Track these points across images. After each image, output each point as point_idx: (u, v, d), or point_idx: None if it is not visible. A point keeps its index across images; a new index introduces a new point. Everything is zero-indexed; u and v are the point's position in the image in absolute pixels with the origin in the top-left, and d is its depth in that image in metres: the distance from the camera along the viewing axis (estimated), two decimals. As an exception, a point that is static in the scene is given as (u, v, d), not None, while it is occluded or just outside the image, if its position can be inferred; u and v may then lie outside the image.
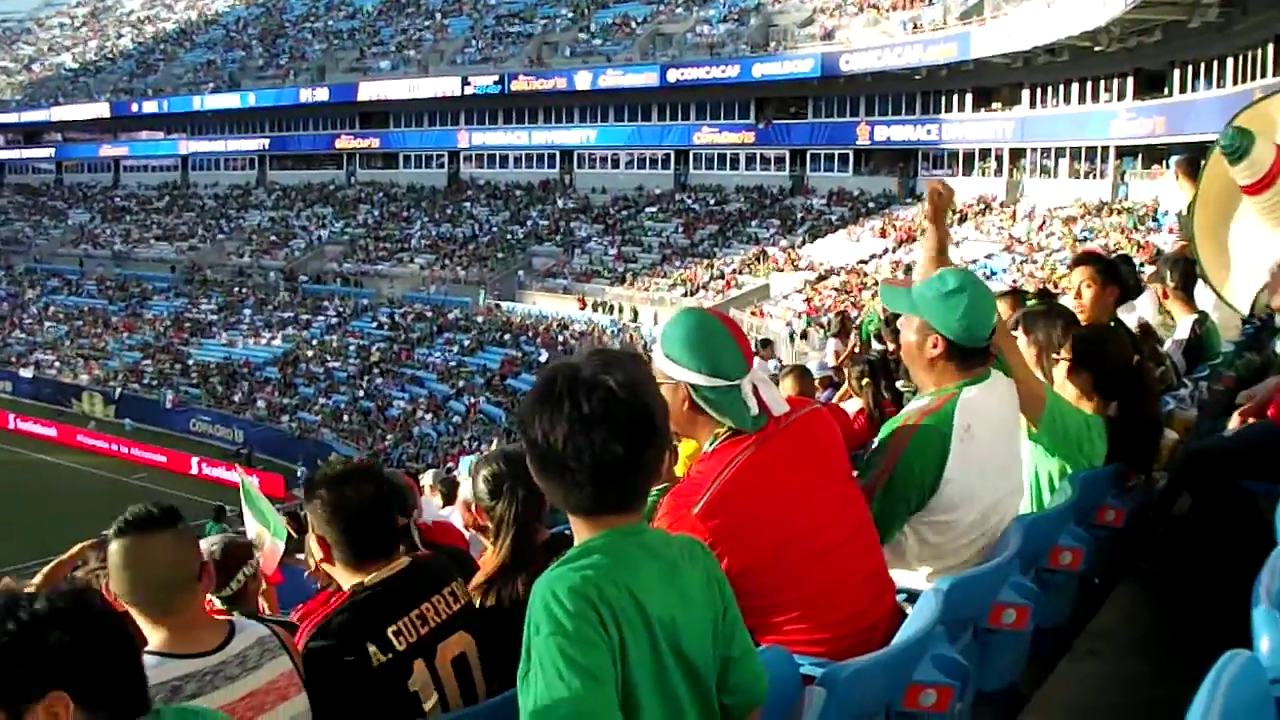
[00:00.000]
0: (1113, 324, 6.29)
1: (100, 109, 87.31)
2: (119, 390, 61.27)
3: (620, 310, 55.27)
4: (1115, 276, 6.72)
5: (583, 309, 57.05)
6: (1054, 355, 5.26)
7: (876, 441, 4.19)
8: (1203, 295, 8.47)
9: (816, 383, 12.33)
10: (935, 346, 4.12)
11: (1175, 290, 8.15)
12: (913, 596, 3.64)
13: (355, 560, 3.60)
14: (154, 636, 3.20)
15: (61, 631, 2.21)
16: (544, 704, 2.31)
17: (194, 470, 49.40)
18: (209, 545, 5.84)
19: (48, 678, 2.18)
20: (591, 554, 2.48)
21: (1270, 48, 34.53)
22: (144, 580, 3.22)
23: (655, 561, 2.54)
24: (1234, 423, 5.83)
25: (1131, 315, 7.73)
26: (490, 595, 3.97)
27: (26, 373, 66.17)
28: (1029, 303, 7.48)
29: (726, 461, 3.34)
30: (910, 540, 4.07)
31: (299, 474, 45.43)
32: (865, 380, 9.30)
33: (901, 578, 3.98)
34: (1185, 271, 8.09)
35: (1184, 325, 8.01)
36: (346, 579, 3.62)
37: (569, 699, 2.29)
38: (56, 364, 66.66)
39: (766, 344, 18.51)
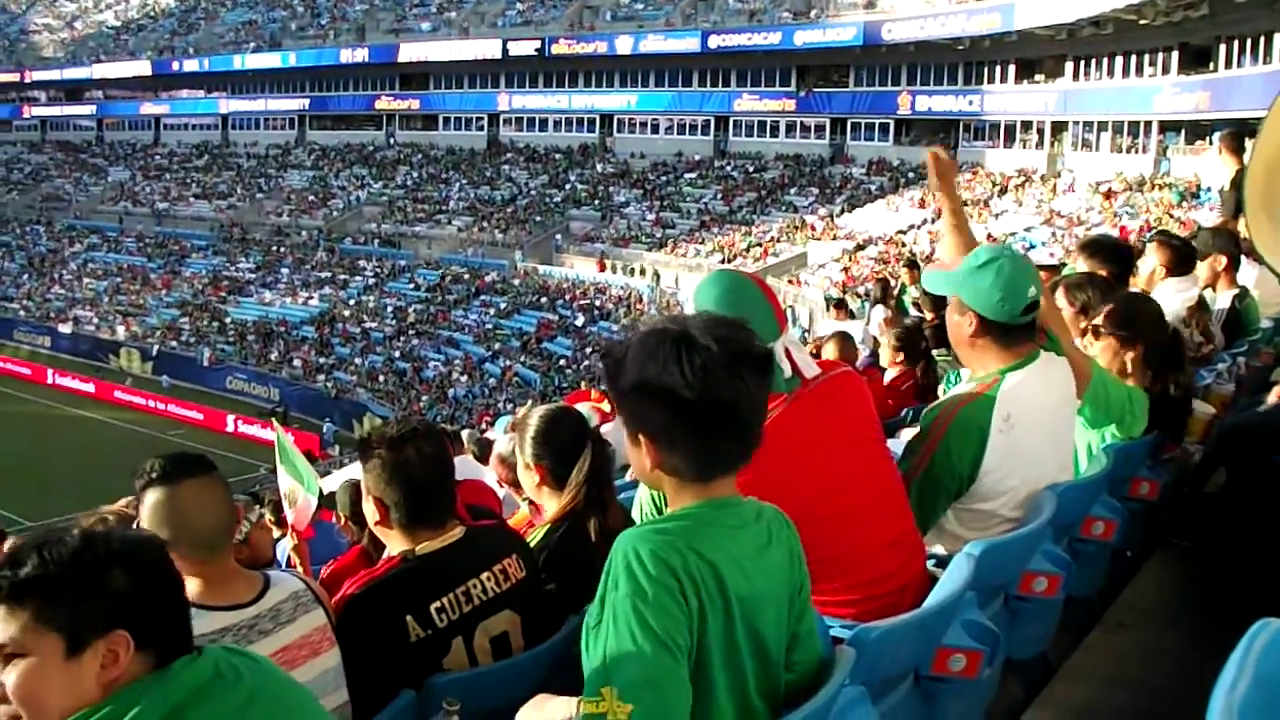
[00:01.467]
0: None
1: (141, 67, 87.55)
2: (156, 347, 61.67)
3: (643, 273, 55.43)
4: (1110, 259, 6.69)
5: (601, 271, 57.33)
6: (1092, 324, 5.23)
7: (918, 428, 4.16)
8: (1244, 271, 8.42)
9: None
10: (970, 324, 4.05)
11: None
12: (942, 562, 3.64)
13: (411, 524, 3.54)
14: (190, 587, 2.97)
15: (128, 573, 2.27)
16: (614, 662, 2.29)
17: (229, 428, 49.70)
18: None
19: (114, 616, 2.24)
20: (683, 520, 2.47)
21: (1319, 24, 34.23)
22: (187, 528, 3.18)
23: (744, 537, 2.52)
24: (1271, 398, 5.80)
25: (1192, 291, 7.69)
26: (556, 535, 3.93)
27: (65, 328, 66.56)
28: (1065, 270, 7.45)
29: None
30: (950, 522, 4.06)
31: (324, 430, 45.72)
32: (901, 348, 9.29)
33: (932, 545, 3.99)
34: (1227, 246, 8.04)
35: (1223, 299, 7.96)
36: (397, 543, 3.58)
37: (640, 663, 2.27)
38: (95, 320, 67.04)
39: (841, 304, 18.46)
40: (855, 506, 3.44)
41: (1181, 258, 7.73)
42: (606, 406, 8.86)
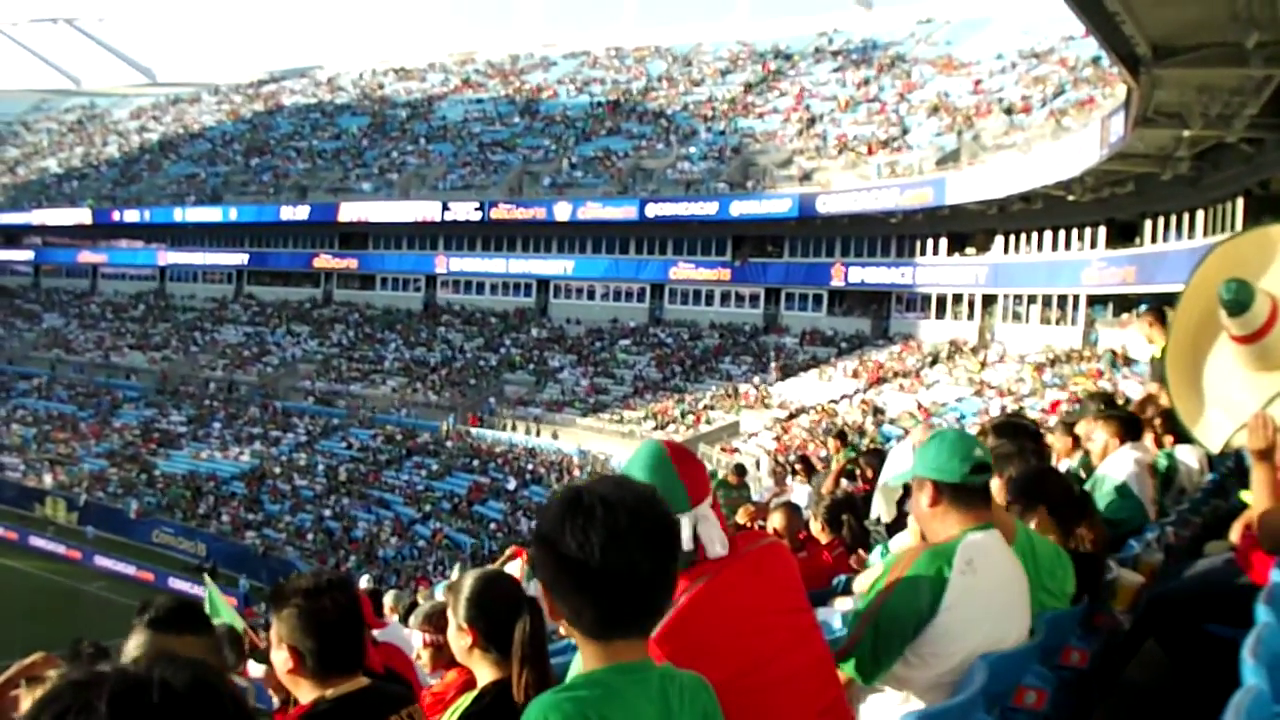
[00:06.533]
0: None
1: (82, 215, 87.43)
2: (84, 497, 60.82)
3: (529, 433, 56.98)
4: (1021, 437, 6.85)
5: (475, 425, 58.55)
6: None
7: (881, 570, 4.21)
8: (1185, 449, 8.59)
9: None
10: (928, 493, 4.23)
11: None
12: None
13: (323, 672, 3.59)
14: None
15: None
16: None
17: (154, 581, 48.79)
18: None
19: None
20: (592, 687, 2.49)
21: (1240, 201, 34.93)
22: None
23: (652, 704, 2.53)
24: (1202, 565, 5.86)
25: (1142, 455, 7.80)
26: (486, 700, 3.89)
27: (-10, 475, 65.64)
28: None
29: (683, 589, 3.34)
30: (899, 667, 4.06)
31: (240, 585, 45.18)
32: (828, 517, 9.33)
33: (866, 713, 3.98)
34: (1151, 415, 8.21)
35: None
36: (309, 692, 3.61)
37: None
38: (21, 467, 66.19)
39: (805, 460, 18.00)
40: (786, 677, 3.44)
41: (1128, 428, 7.93)
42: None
